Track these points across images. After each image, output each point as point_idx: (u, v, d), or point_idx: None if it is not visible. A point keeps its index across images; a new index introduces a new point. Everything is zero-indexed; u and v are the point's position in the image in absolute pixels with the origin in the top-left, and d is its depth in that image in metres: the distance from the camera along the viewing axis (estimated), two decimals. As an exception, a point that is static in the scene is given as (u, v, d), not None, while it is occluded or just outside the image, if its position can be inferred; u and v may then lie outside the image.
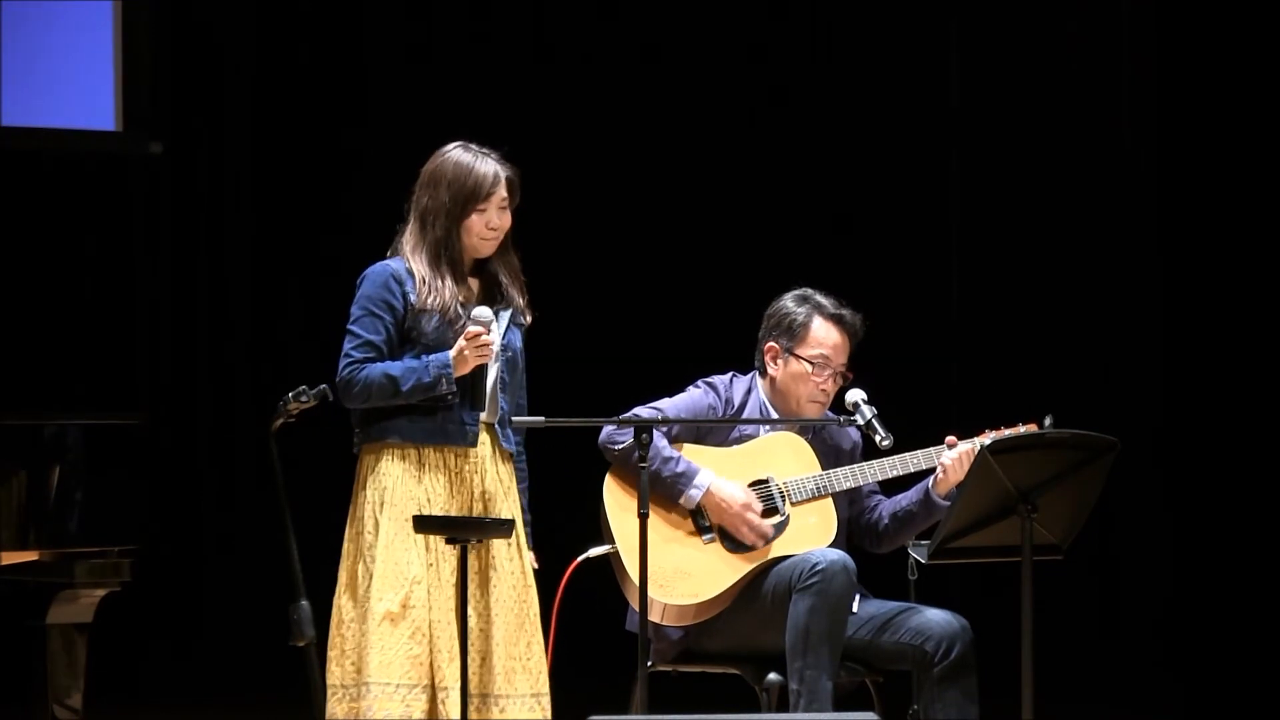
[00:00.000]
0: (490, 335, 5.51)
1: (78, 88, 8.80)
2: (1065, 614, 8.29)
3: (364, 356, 5.53)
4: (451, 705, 5.42)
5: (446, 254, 5.56)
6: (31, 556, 6.21)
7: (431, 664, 5.46)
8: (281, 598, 5.47)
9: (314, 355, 5.64)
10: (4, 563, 6.17)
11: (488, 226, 5.58)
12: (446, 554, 5.49)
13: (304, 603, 5.42)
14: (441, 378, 5.47)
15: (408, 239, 5.62)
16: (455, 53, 9.16)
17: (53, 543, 6.24)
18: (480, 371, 5.52)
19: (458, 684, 5.42)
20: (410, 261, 5.58)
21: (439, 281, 5.55)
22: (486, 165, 5.60)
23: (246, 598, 8.71)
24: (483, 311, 5.54)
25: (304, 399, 5.50)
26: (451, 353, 5.49)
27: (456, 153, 5.63)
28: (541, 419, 5.59)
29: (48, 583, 6.29)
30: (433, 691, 5.46)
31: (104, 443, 6.42)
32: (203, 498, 8.98)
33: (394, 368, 5.50)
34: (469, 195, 5.56)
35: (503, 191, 5.60)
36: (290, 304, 8.94)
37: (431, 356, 5.50)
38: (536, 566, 5.69)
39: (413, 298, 5.54)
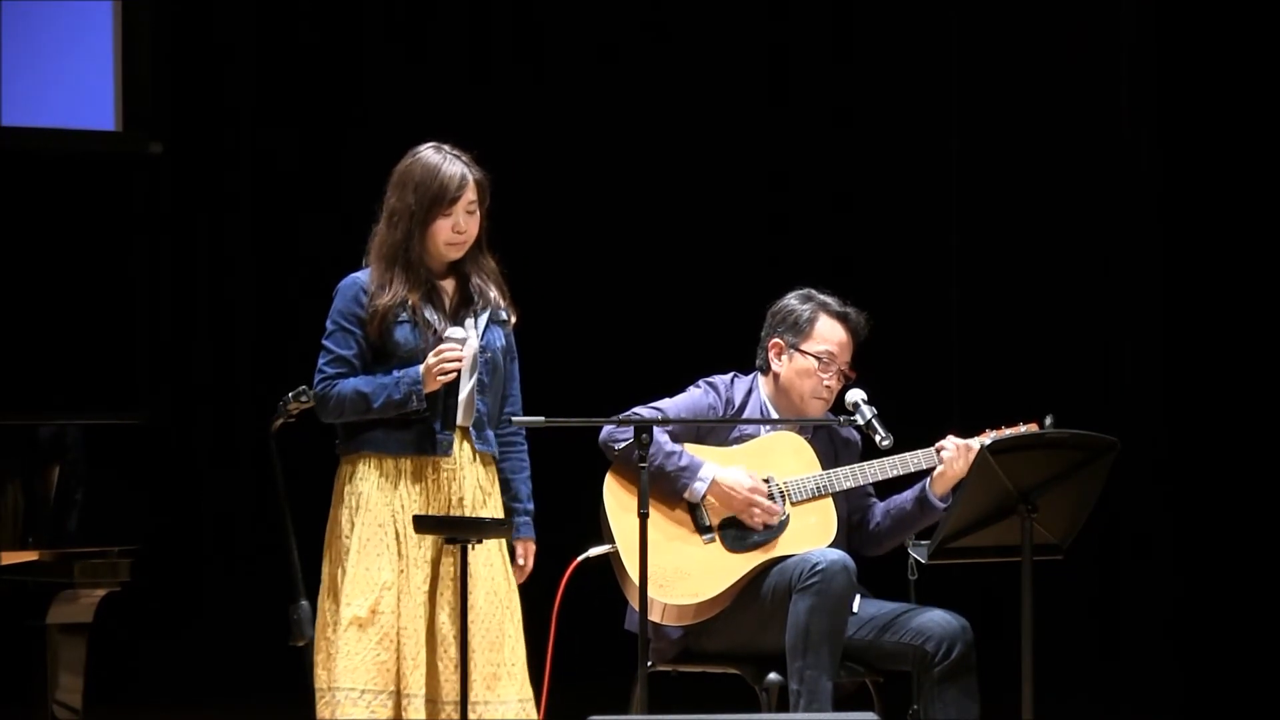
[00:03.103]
0: (463, 351, 5.48)
1: (78, 88, 8.80)
2: (1065, 614, 8.28)
3: (336, 372, 5.52)
4: (414, 711, 5.41)
5: (403, 257, 5.53)
6: (31, 556, 6.22)
7: (398, 670, 5.45)
8: (281, 598, 5.47)
9: (314, 355, 5.64)
10: (4, 563, 6.18)
11: (454, 230, 5.53)
12: (418, 561, 5.47)
13: (304, 603, 5.42)
14: (412, 394, 5.46)
15: (373, 241, 5.61)
16: (456, 52, 9.16)
17: (53, 543, 6.25)
18: (451, 389, 5.49)
19: (422, 691, 5.42)
20: (371, 262, 5.57)
21: (387, 286, 5.52)
22: (454, 167, 5.54)
23: (246, 598, 8.71)
24: (455, 331, 5.51)
25: (304, 399, 5.50)
26: (421, 368, 5.48)
27: (426, 154, 5.58)
28: (541, 419, 5.59)
29: (48, 583, 6.29)
30: (398, 697, 5.45)
31: (104, 443, 6.42)
32: (203, 498, 8.98)
33: (365, 384, 5.49)
34: (434, 198, 5.51)
35: (470, 195, 5.54)
36: (290, 304, 8.93)
37: (403, 372, 5.48)
38: (522, 562, 5.65)
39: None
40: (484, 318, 5.61)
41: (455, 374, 5.47)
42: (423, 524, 5.43)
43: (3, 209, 8.64)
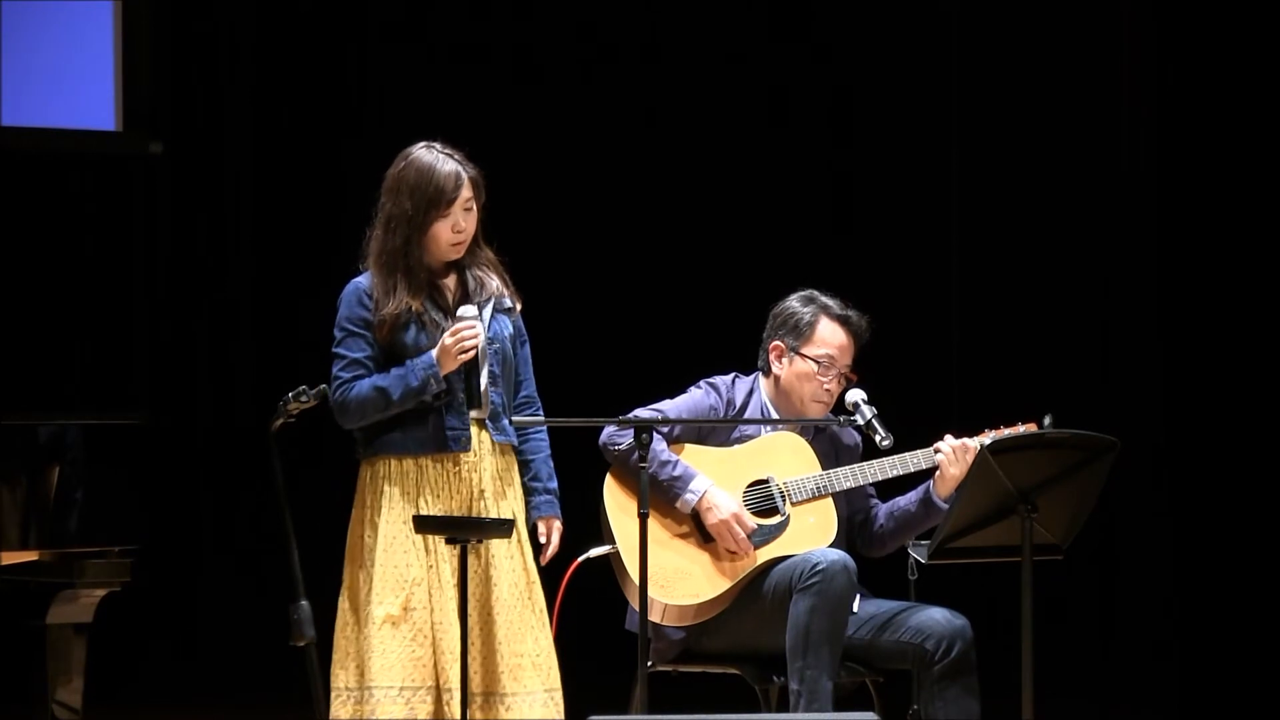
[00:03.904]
0: (475, 329, 5.49)
1: (78, 88, 8.79)
2: (1065, 614, 8.28)
3: (352, 376, 5.53)
4: (456, 706, 5.42)
5: (403, 262, 5.53)
6: (31, 556, 6.22)
7: (435, 665, 5.46)
8: (281, 598, 5.47)
9: (314, 355, 5.64)
10: (4, 563, 6.17)
11: (453, 230, 5.55)
12: (446, 555, 5.49)
13: (304, 603, 5.42)
14: (429, 378, 5.47)
15: (371, 246, 5.61)
16: (457, 50, 9.16)
17: (53, 543, 6.25)
18: (472, 368, 5.50)
19: (460, 685, 5.42)
20: (371, 269, 5.57)
21: (392, 293, 5.53)
22: (448, 166, 5.54)
23: (246, 598, 8.71)
24: (467, 309, 5.53)
25: (304, 399, 5.50)
26: (435, 351, 5.49)
27: (418, 156, 5.57)
28: (542, 419, 5.59)
29: (48, 583, 6.29)
30: (437, 693, 5.46)
31: (104, 443, 6.42)
32: (202, 498, 8.98)
33: (381, 379, 5.50)
34: (431, 201, 5.52)
35: (466, 193, 5.54)
36: (290, 304, 8.93)
37: (415, 360, 5.49)
38: (544, 540, 5.63)
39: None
40: (488, 309, 5.61)
41: (474, 351, 5.48)
42: (423, 524, 5.44)
43: (3, 209, 8.64)
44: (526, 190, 8.85)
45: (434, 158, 5.56)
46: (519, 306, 5.69)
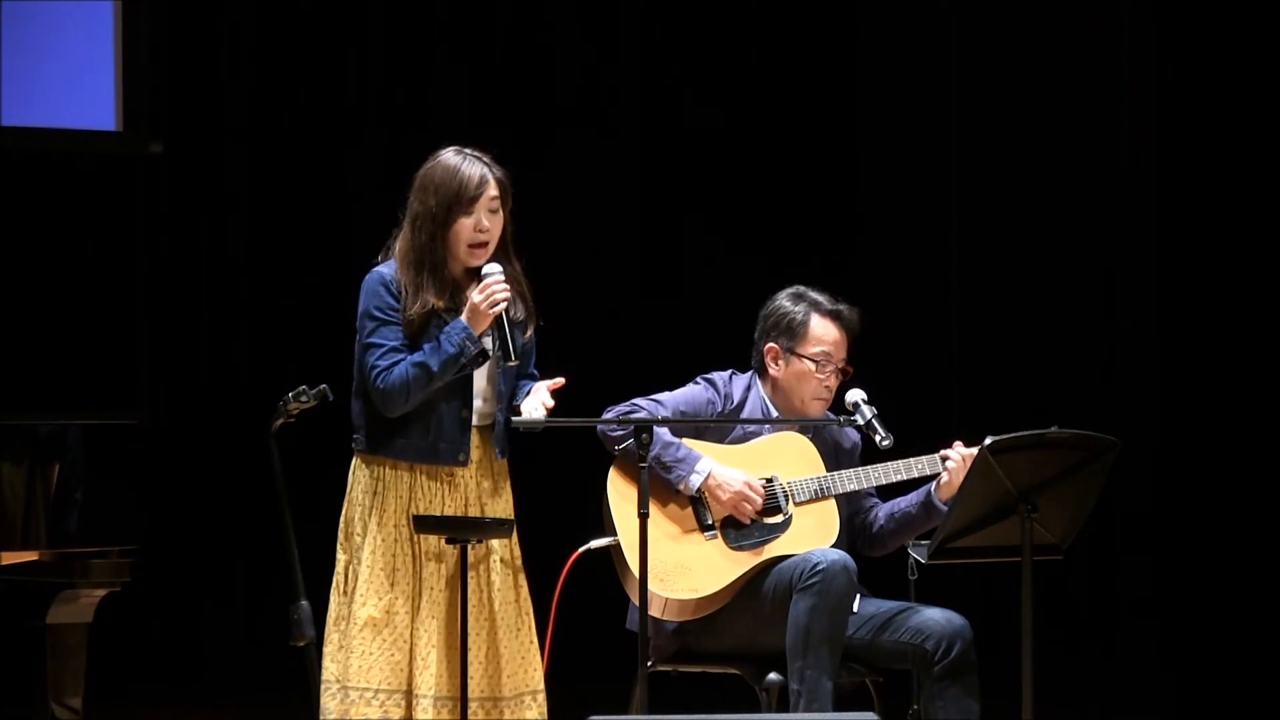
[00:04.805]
0: (503, 282, 5.51)
1: (78, 88, 8.79)
2: (1065, 614, 8.28)
3: (391, 362, 5.52)
4: (421, 711, 5.42)
5: (429, 259, 5.55)
6: (32, 556, 6.22)
7: (410, 670, 5.47)
8: (281, 598, 5.48)
9: (314, 355, 5.63)
10: (4, 563, 6.17)
11: (476, 229, 5.55)
12: (433, 560, 5.49)
13: (304, 603, 5.42)
14: (464, 340, 5.47)
15: (398, 244, 5.62)
16: (457, 49, 9.16)
17: (53, 543, 6.24)
18: (503, 323, 5.50)
19: (431, 691, 5.44)
20: (398, 267, 5.59)
21: (420, 290, 5.54)
22: (473, 168, 5.57)
23: (246, 598, 8.71)
24: (491, 266, 5.55)
25: (304, 399, 5.49)
26: (464, 314, 5.50)
27: (446, 157, 5.61)
28: (541, 418, 5.59)
29: (48, 583, 6.29)
30: (409, 698, 5.47)
31: (104, 443, 6.42)
32: (203, 498, 8.98)
33: (418, 356, 5.49)
34: (455, 198, 5.54)
35: (491, 192, 5.56)
36: (290, 304, 8.94)
37: (446, 328, 5.50)
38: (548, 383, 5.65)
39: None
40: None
41: (505, 303, 5.50)
42: (423, 524, 5.45)
43: (3, 209, 8.64)
44: (525, 190, 8.84)
45: (461, 158, 5.60)
46: (530, 331, 5.69)
